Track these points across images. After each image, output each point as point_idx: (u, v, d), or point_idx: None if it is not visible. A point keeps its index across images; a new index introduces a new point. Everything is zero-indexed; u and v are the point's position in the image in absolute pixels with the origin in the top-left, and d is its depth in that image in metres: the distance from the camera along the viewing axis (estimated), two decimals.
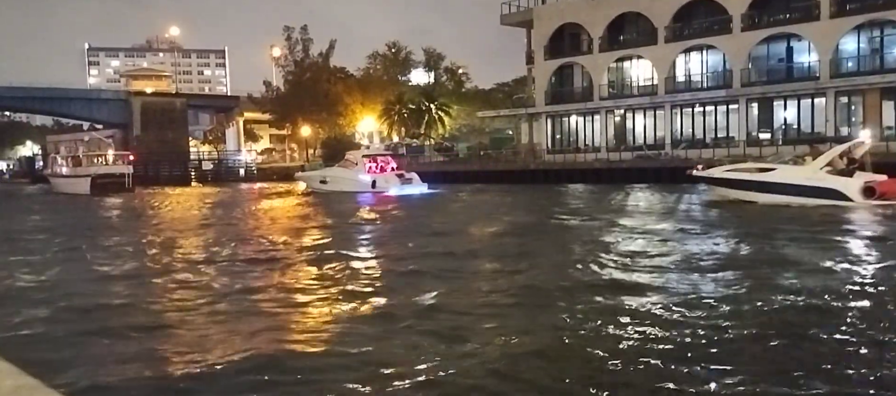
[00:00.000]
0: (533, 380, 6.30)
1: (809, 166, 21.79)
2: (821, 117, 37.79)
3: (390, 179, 36.22)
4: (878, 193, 20.09)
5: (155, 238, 18.26)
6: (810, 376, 6.16)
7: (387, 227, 20.36)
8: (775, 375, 6.19)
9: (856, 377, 6.14)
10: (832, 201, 20.24)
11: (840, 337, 7.17)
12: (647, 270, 11.32)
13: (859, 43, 37.68)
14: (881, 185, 20.32)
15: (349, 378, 6.37)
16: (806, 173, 21.57)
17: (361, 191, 34.94)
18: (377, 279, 11.32)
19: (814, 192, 20.73)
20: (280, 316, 9.02)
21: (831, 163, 21.44)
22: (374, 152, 39.74)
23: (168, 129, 68.63)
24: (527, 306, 9.10)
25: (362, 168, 36.96)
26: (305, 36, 69.38)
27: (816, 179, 21.04)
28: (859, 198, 20.22)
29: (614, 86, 46.75)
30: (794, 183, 21.38)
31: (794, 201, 20.84)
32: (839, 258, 11.88)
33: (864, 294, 9.16)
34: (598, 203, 26.35)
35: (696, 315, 8.11)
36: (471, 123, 67.44)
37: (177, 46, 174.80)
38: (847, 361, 6.52)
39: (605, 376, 6.36)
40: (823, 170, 21.30)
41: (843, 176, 20.98)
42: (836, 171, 21.31)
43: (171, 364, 7.01)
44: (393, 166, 38.11)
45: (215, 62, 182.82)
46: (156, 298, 10.24)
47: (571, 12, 47.61)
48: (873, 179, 20.69)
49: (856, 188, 20.46)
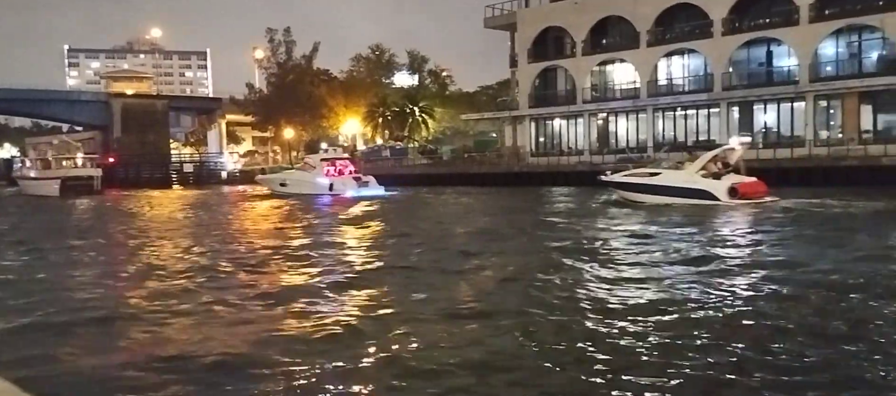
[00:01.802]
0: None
1: (687, 171, 24.66)
2: (800, 121, 38.23)
3: (347, 182, 37.54)
4: (740, 193, 22.95)
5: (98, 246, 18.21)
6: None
7: (354, 228, 21.05)
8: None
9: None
10: (703, 200, 23.06)
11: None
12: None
13: (838, 47, 38.17)
14: (742, 186, 23.22)
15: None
16: (684, 176, 24.41)
17: (319, 194, 36.32)
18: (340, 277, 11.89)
19: (689, 193, 23.54)
20: (227, 318, 9.25)
21: (705, 167, 24.24)
22: (332, 156, 40.97)
23: (149, 131, 67.99)
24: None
25: (321, 172, 38.40)
26: (288, 38, 69.12)
27: (692, 181, 23.88)
28: (725, 197, 22.97)
29: (597, 89, 47.00)
30: (674, 185, 24.20)
31: (675, 201, 23.52)
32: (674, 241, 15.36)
33: (687, 267, 12.22)
34: (565, 205, 27.60)
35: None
36: (455, 126, 67.46)
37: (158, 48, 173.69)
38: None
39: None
40: (699, 173, 24.10)
41: (714, 179, 23.69)
42: (710, 174, 24.01)
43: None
44: (351, 170, 39.53)
45: (197, 64, 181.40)
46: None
47: (555, 15, 47.82)
48: (739, 180, 23.51)
49: (723, 189, 23.18)
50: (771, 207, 22.09)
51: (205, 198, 41.73)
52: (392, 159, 58.64)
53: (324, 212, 28.07)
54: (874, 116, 36.58)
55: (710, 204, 22.69)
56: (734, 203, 22.61)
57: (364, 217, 24.52)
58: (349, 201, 32.47)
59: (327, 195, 35.79)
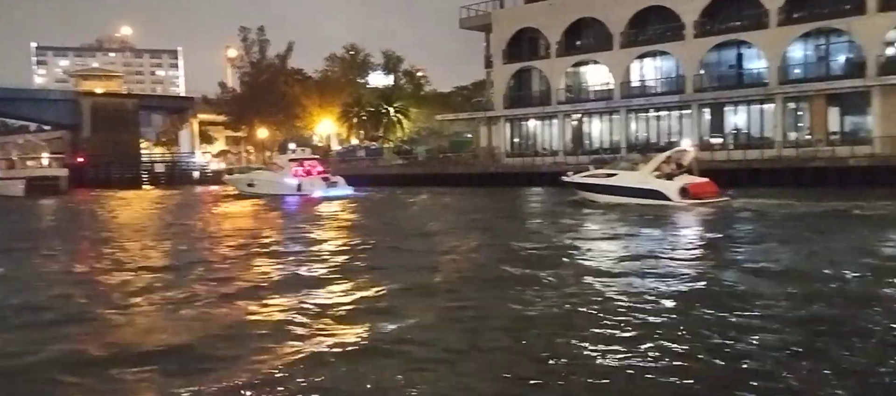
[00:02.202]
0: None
1: (641, 171, 25.38)
2: (770, 123, 38.89)
3: (316, 182, 37.50)
4: (691, 193, 23.69)
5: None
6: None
7: (321, 227, 21.40)
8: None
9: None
10: (656, 200, 23.77)
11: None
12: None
13: (806, 50, 38.92)
14: (693, 186, 24.00)
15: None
16: (638, 177, 25.14)
17: (287, 194, 36.34)
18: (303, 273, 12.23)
19: (643, 193, 24.30)
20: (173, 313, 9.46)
21: (659, 168, 24.97)
22: (300, 156, 40.94)
23: (119, 130, 66.89)
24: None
25: (288, 172, 38.33)
26: (262, 37, 68.57)
27: (645, 182, 24.63)
28: (676, 197, 23.63)
29: (571, 90, 47.35)
30: (629, 186, 24.96)
31: (629, 201, 24.33)
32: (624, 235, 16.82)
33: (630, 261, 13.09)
34: (532, 205, 28.22)
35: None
36: (430, 126, 67.50)
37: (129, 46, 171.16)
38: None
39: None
40: (652, 174, 24.79)
41: (667, 179, 24.39)
42: (663, 175, 24.69)
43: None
44: (319, 170, 39.48)
45: (168, 63, 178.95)
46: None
47: (529, 17, 48.07)
48: (690, 181, 24.29)
49: (674, 190, 23.87)
50: (720, 206, 22.92)
51: (174, 198, 41.45)
52: (367, 159, 58.51)
53: (290, 212, 28.15)
54: (841, 117, 37.37)
55: (662, 204, 23.41)
56: (685, 203, 23.29)
57: (332, 218, 24.63)
58: (317, 201, 32.67)
59: (295, 196, 35.83)
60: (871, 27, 35.65)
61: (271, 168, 41.46)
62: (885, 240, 14.97)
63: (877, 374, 6.38)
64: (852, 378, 6.25)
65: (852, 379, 6.23)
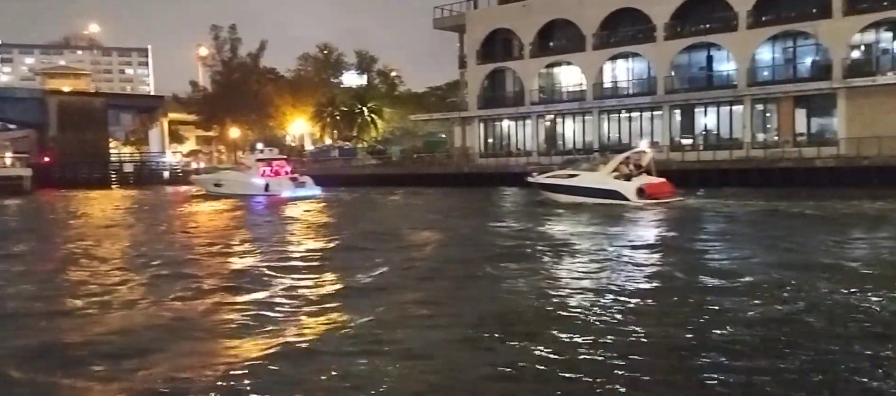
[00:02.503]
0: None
1: (601, 172, 26.17)
2: (739, 124, 39.51)
3: (284, 182, 37.41)
4: (647, 193, 24.38)
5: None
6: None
7: (285, 226, 21.87)
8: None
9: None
10: (614, 200, 24.43)
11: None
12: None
13: (774, 53, 39.60)
14: (649, 187, 24.71)
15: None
16: (598, 177, 25.88)
17: (255, 194, 36.24)
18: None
19: (602, 193, 24.98)
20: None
21: (617, 169, 25.68)
22: (268, 156, 40.87)
23: (87, 129, 65.69)
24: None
25: (256, 172, 38.18)
26: (234, 36, 67.91)
27: (604, 182, 25.36)
28: (634, 198, 24.29)
29: (545, 91, 47.62)
30: (588, 186, 25.64)
31: (589, 200, 24.94)
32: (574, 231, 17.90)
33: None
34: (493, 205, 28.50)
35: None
36: (404, 126, 67.43)
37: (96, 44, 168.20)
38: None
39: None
40: (611, 175, 25.52)
41: (625, 180, 25.11)
42: (621, 175, 25.40)
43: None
44: (287, 170, 39.45)
45: (137, 61, 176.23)
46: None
47: (503, 18, 48.25)
48: (647, 182, 25.03)
49: (632, 190, 24.56)
50: (675, 206, 23.70)
51: (141, 198, 40.93)
52: (341, 159, 58.23)
53: (256, 212, 28.13)
54: (808, 119, 38.10)
55: (619, 203, 24.08)
56: (642, 203, 23.93)
57: (298, 218, 24.61)
58: (285, 201, 32.74)
59: (263, 196, 35.80)
60: (837, 30, 36.41)
61: (239, 168, 41.30)
62: (825, 238, 15.51)
63: (800, 366, 6.59)
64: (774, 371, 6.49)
65: (776, 371, 6.48)
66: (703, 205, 23.92)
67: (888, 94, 34.89)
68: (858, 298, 9.25)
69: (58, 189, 50.97)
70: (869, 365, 6.57)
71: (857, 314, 8.38)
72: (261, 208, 29.76)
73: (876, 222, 17.99)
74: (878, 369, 6.45)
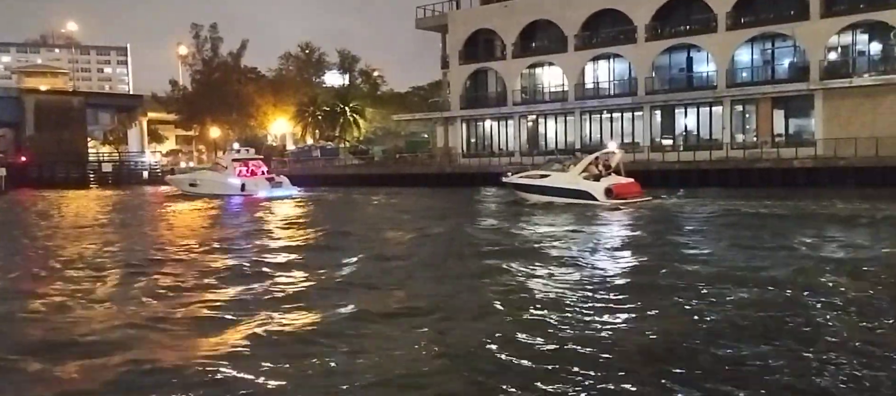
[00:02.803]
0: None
1: (570, 172, 26.61)
2: (718, 125, 39.90)
3: (260, 182, 37.55)
4: (615, 193, 25.00)
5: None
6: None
7: (254, 225, 22.13)
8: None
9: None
10: (583, 200, 25.07)
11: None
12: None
13: (753, 54, 40.04)
14: (617, 187, 25.35)
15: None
16: (568, 178, 26.36)
17: (231, 194, 36.34)
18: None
19: (572, 193, 25.61)
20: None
21: (587, 169, 26.29)
22: (244, 156, 40.97)
23: (64, 129, 64.90)
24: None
25: (232, 172, 38.26)
26: (215, 34, 67.29)
27: (574, 182, 25.93)
28: (602, 197, 24.94)
29: (527, 91, 47.75)
30: (559, 186, 26.23)
31: (560, 200, 25.62)
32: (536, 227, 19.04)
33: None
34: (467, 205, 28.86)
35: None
36: (386, 127, 67.26)
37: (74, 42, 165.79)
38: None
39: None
40: (581, 175, 26.09)
41: (593, 180, 25.73)
42: (591, 176, 26.01)
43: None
44: (263, 170, 39.63)
45: (116, 60, 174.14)
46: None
47: (485, 18, 48.33)
48: (615, 182, 25.66)
49: (600, 190, 25.21)
50: (641, 205, 24.35)
51: (118, 198, 40.54)
52: (323, 159, 57.96)
53: (230, 212, 28.16)
54: (786, 120, 38.56)
55: (588, 203, 24.73)
56: (610, 203, 24.54)
57: (278, 218, 24.62)
58: (261, 201, 32.81)
59: (239, 196, 35.80)
60: (814, 32, 36.90)
61: (215, 168, 41.41)
62: (784, 235, 15.98)
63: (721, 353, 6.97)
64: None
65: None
66: (670, 205, 24.54)
67: (864, 95, 35.43)
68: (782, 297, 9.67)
69: (34, 189, 50.30)
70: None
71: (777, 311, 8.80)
72: (237, 208, 29.75)
73: (843, 223, 18.27)
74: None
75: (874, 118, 34.82)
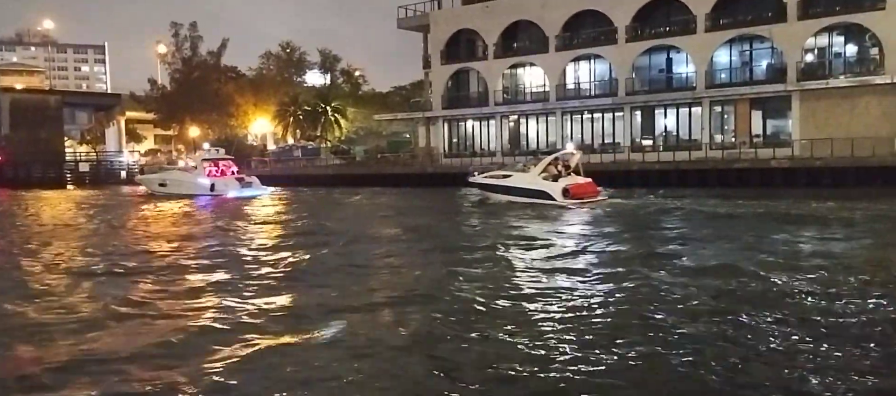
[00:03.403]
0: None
1: (531, 173, 27.43)
2: (697, 125, 40.26)
3: (229, 182, 37.84)
4: (572, 193, 25.76)
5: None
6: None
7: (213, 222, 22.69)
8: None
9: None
10: (542, 199, 25.82)
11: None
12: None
13: (731, 56, 40.45)
14: (574, 187, 26.10)
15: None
16: (528, 178, 27.15)
17: (200, 194, 36.56)
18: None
19: (531, 193, 26.38)
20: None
21: (546, 170, 27.02)
22: (214, 156, 41.17)
23: (41, 128, 63.98)
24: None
25: (202, 172, 38.50)
26: (194, 33, 66.71)
27: (534, 183, 26.69)
28: (559, 197, 25.67)
29: (509, 92, 47.86)
30: (519, 186, 27.04)
31: (520, 200, 26.41)
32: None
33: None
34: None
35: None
36: (368, 126, 67.08)
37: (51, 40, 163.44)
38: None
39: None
40: (540, 175, 26.81)
41: (552, 181, 26.46)
42: (550, 176, 26.75)
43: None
44: (233, 170, 39.82)
45: (94, 58, 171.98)
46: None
47: (467, 18, 48.37)
48: (573, 182, 26.45)
49: (558, 190, 25.92)
50: (597, 205, 25.31)
51: (94, 198, 40.06)
52: (304, 159, 57.68)
53: (200, 213, 28.21)
54: (763, 121, 39.00)
55: (546, 203, 25.50)
56: (567, 202, 25.31)
57: (244, 218, 24.64)
58: (231, 201, 32.99)
59: (208, 196, 35.97)
60: (792, 34, 37.37)
61: (185, 168, 41.72)
62: (728, 234, 16.38)
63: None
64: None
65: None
66: (625, 204, 25.42)
67: (841, 97, 35.94)
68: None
69: (10, 189, 49.55)
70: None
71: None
72: (206, 209, 29.79)
73: (811, 222, 18.50)
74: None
75: (850, 119, 35.34)
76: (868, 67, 36.28)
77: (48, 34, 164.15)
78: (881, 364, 6.63)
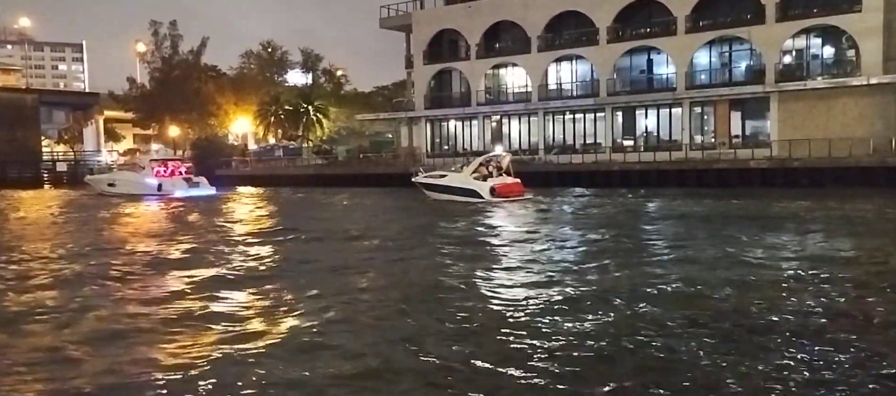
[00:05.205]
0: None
1: (463, 173, 29.37)
2: (678, 126, 40.59)
3: (177, 182, 38.54)
4: (498, 192, 27.70)
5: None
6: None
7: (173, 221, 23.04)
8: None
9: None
10: (472, 198, 27.71)
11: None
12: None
13: (711, 57, 40.84)
14: (501, 186, 28.03)
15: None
16: (461, 178, 29.08)
17: (148, 194, 37.17)
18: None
19: (463, 192, 28.26)
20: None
21: (477, 170, 29.01)
22: (163, 156, 42.32)
23: (17, 127, 63.13)
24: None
25: (150, 172, 39.15)
26: (174, 32, 65.96)
27: (466, 182, 28.62)
28: (488, 196, 27.60)
29: (491, 92, 47.95)
30: (453, 185, 28.91)
31: (454, 198, 28.09)
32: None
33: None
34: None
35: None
36: (350, 126, 66.85)
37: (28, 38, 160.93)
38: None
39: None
40: (471, 175, 28.78)
41: (482, 180, 28.42)
42: (480, 176, 28.72)
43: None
44: (182, 171, 40.43)
45: (72, 57, 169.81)
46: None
47: (449, 18, 48.38)
48: (500, 182, 28.37)
49: (486, 189, 27.86)
50: (521, 203, 26.95)
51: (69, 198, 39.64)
52: (285, 159, 57.36)
53: (149, 212, 28.50)
54: (743, 121, 39.41)
55: (475, 201, 27.37)
56: (494, 200, 27.27)
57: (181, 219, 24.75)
58: (178, 200, 33.48)
59: (155, 196, 36.52)
60: (770, 36, 37.79)
61: (133, 168, 42.33)
62: (666, 232, 17.06)
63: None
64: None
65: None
66: (547, 202, 26.83)
67: (818, 98, 36.42)
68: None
69: None
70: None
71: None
72: (153, 208, 30.17)
73: (779, 221, 18.76)
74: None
75: (827, 120, 35.83)
76: (845, 68, 36.80)
77: (25, 32, 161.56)
78: (817, 357, 6.96)
